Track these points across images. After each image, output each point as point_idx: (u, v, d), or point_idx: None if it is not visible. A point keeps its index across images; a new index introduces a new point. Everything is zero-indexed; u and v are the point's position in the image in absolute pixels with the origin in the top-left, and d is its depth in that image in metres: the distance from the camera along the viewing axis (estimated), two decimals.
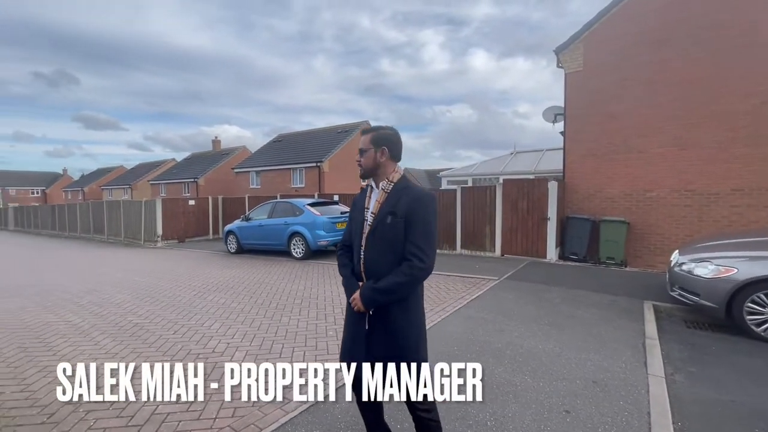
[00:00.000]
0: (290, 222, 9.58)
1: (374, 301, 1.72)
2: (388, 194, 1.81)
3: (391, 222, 1.75)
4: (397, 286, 1.69)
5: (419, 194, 1.78)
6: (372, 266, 1.78)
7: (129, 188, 38.70)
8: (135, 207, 15.32)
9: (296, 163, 25.03)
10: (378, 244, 1.77)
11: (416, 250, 1.69)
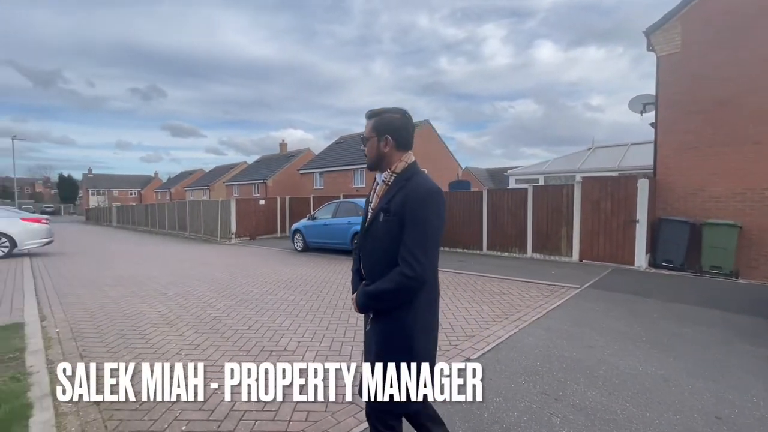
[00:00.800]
0: (353, 221, 9.66)
1: (366, 305, 1.57)
2: (388, 187, 1.59)
3: (383, 220, 1.53)
4: (382, 294, 1.49)
5: (418, 188, 1.51)
6: (367, 266, 1.62)
7: (207, 189, 42.40)
8: (213, 206, 16.62)
9: (357, 164, 25.45)
10: (371, 244, 1.60)
11: (407, 255, 1.44)
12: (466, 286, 6.12)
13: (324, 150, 31.82)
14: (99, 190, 59.91)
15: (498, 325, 4.20)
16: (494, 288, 5.98)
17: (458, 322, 4.34)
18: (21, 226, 9.83)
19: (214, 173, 47.42)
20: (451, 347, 3.61)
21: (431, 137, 27.66)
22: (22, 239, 9.74)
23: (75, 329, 4.05)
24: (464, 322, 4.31)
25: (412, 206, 1.47)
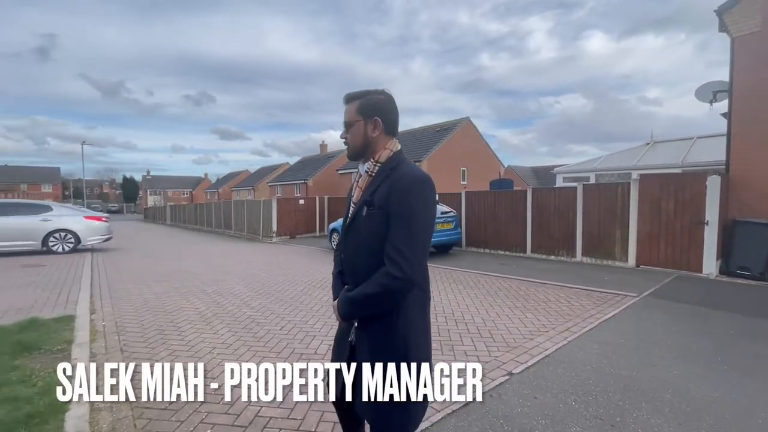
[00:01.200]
0: None
1: (349, 313, 1.38)
2: (372, 178, 1.41)
3: (366, 215, 1.36)
4: (367, 299, 1.31)
5: (404, 177, 1.32)
6: (350, 268, 1.44)
7: (252, 189, 44.21)
8: (255, 206, 17.18)
9: None
10: (354, 241, 1.42)
11: (394, 254, 1.26)
12: (508, 292, 5.74)
13: None
14: (156, 191, 64.52)
15: (543, 336, 3.84)
16: (539, 294, 5.56)
17: (499, 330, 4.02)
18: (84, 223, 10.64)
19: (259, 174, 49.37)
20: (491, 358, 3.33)
21: (472, 135, 26.91)
22: (85, 236, 10.54)
23: (119, 323, 4.21)
24: (505, 331, 3.99)
25: (398, 197, 1.29)
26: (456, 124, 26.21)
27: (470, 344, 3.65)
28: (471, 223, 10.92)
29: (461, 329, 4.06)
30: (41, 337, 3.61)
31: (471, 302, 5.15)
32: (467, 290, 5.86)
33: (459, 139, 25.47)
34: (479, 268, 7.70)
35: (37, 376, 2.89)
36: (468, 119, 26.68)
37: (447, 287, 6.08)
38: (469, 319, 4.42)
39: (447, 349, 3.51)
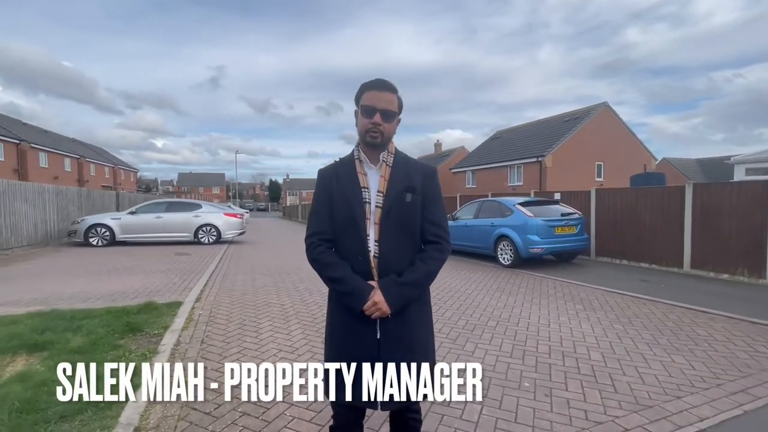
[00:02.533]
0: (497, 223, 8.46)
1: (404, 298, 1.42)
2: (392, 168, 1.49)
3: (411, 200, 1.46)
4: (428, 276, 1.48)
5: (427, 167, 1.55)
6: (390, 258, 1.44)
7: None
8: None
9: (513, 160, 23.29)
10: (395, 229, 1.44)
11: (440, 231, 1.51)
12: (648, 320, 4.33)
13: (478, 147, 30.47)
14: (293, 192, 73.87)
15: (700, 396, 2.62)
16: (699, 329, 4.02)
17: (625, 376, 2.92)
18: (224, 219, 12.49)
19: None
20: (606, 418, 2.35)
21: (611, 124, 22.94)
22: (224, 230, 12.35)
23: (213, 314, 4.51)
24: (635, 379, 2.86)
25: (432, 183, 1.52)
26: (590, 112, 22.68)
27: (577, 390, 2.69)
28: (604, 227, 9.03)
29: (568, 367, 3.09)
30: (148, 320, 4.05)
31: (590, 330, 4.00)
32: (588, 313, 4.64)
33: (593, 129, 21.96)
34: (610, 284, 6.17)
35: (127, 358, 3.14)
36: (605, 105, 22.83)
37: (560, 306, 4.93)
38: (582, 353, 3.37)
39: (541, 394, 2.65)
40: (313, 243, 1.51)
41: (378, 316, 1.40)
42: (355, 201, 1.45)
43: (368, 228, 1.44)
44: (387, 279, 1.42)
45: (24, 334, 3.45)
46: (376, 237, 1.44)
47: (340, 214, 1.47)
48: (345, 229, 1.47)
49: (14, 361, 3.06)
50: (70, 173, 31.25)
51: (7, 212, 9.66)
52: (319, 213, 1.52)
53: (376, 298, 1.38)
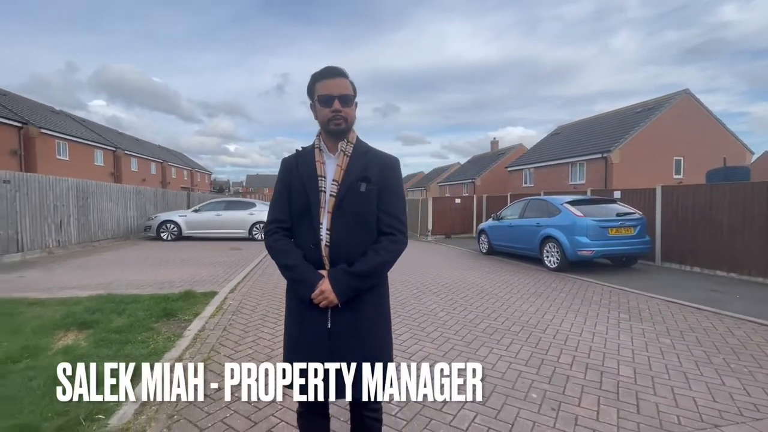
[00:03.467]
0: (543, 223, 7.92)
1: (353, 289, 1.38)
2: (350, 158, 1.46)
3: (366, 190, 1.44)
4: (380, 268, 1.44)
5: (388, 157, 1.53)
6: (341, 248, 1.42)
7: (425, 190, 46.19)
8: (413, 205, 17.64)
9: (575, 156, 21.64)
10: (348, 219, 1.42)
11: (396, 223, 1.47)
12: (705, 335, 3.75)
13: (537, 144, 28.80)
14: None
15: (747, 427, 2.20)
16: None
17: (656, 396, 2.55)
18: None
19: (431, 175, 51.23)
20: None
21: (693, 113, 20.41)
22: None
23: (241, 304, 4.76)
24: (668, 402, 2.48)
25: (390, 175, 1.49)
26: (666, 102, 20.36)
27: (590, 407, 2.40)
28: (671, 229, 8.04)
29: (588, 381, 2.77)
30: (183, 307, 4.40)
31: (628, 343, 3.56)
32: (632, 323, 4.14)
33: (671, 120, 19.68)
34: (671, 293, 5.46)
35: (156, 340, 3.44)
36: (686, 92, 20.31)
37: (600, 315, 4.47)
38: (610, 367, 3.01)
39: (548, 407, 2.40)
40: (270, 230, 1.52)
41: (326, 305, 1.37)
42: (310, 189, 1.45)
43: (322, 217, 1.43)
44: (336, 268, 1.40)
45: (79, 313, 3.94)
46: (328, 225, 1.43)
47: (297, 201, 1.48)
48: (300, 218, 1.47)
49: (66, 336, 3.50)
50: (155, 176, 35.15)
51: (96, 210, 11.13)
52: (278, 201, 1.53)
53: (323, 287, 1.36)
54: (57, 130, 21.44)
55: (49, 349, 3.17)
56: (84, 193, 10.58)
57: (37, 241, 8.89)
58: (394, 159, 1.53)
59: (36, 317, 3.88)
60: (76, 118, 28.33)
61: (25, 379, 2.60)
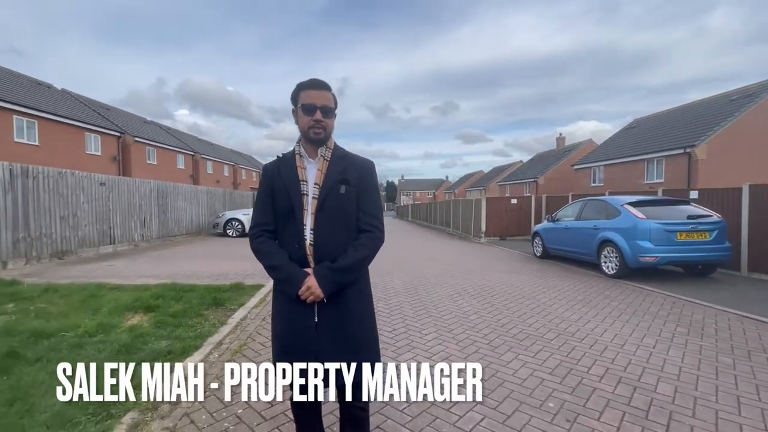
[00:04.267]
0: (600, 226, 7.33)
1: (336, 283, 1.50)
2: (329, 162, 1.58)
3: (345, 192, 1.56)
4: (360, 263, 1.55)
5: (365, 161, 1.66)
6: (325, 246, 1.53)
7: (483, 189, 44.80)
8: (468, 205, 17.26)
9: (653, 152, 19.58)
10: (330, 219, 1.54)
11: (374, 221, 1.60)
12: None
13: (608, 139, 26.51)
14: (407, 192, 76.00)
15: None
16: None
17: (693, 419, 2.29)
18: None
19: (491, 174, 49.52)
20: None
21: None
22: None
23: None
24: (707, 426, 2.22)
25: (367, 177, 1.61)
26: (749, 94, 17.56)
27: (611, 422, 2.23)
28: (760, 234, 6.99)
29: (617, 395, 2.56)
30: (231, 297, 4.83)
31: (677, 359, 3.21)
32: (689, 338, 3.72)
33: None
34: (753, 309, 4.77)
35: (203, 325, 3.84)
36: None
37: (653, 327, 4.07)
38: (648, 383, 2.75)
39: (562, 418, 2.28)
40: (255, 234, 1.62)
41: (312, 300, 1.47)
42: (293, 193, 1.54)
43: (305, 218, 1.52)
44: (321, 265, 1.50)
45: (146, 299, 4.52)
46: (311, 226, 1.52)
47: (281, 205, 1.57)
48: (285, 220, 1.56)
49: (133, 317, 4.04)
50: (227, 177, 38.41)
51: (173, 208, 12.53)
52: (261, 206, 1.62)
53: (309, 283, 1.46)
54: (147, 138, 24.41)
55: (119, 327, 3.69)
56: (163, 194, 11.98)
57: (126, 235, 10.27)
58: (369, 162, 1.64)
59: (113, 300, 4.53)
60: (162, 126, 31.99)
61: (96, 351, 3.08)
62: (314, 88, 1.55)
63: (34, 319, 3.78)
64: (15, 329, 3.44)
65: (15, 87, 17.02)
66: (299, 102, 1.56)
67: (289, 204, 1.54)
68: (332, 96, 1.58)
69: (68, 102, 20.25)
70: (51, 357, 2.92)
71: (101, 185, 9.44)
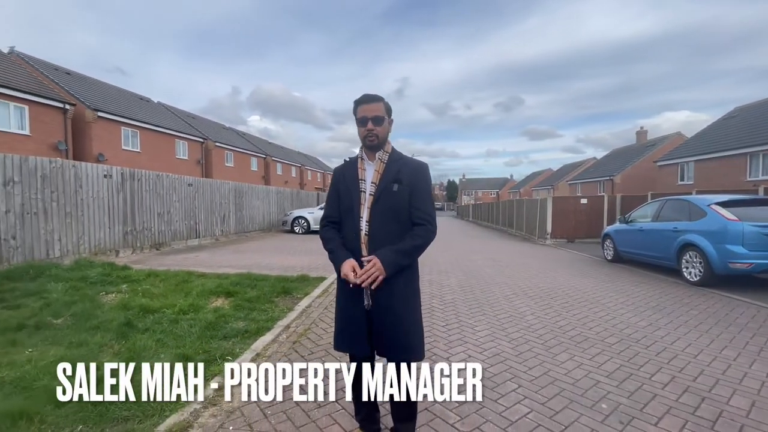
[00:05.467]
0: (682, 228, 6.68)
1: (397, 264, 1.69)
2: (386, 164, 1.81)
3: (398, 190, 1.75)
4: (416, 249, 1.73)
5: (419, 164, 1.84)
6: (377, 236, 1.73)
7: (551, 188, 42.25)
8: (532, 205, 16.52)
9: (758, 145, 17.07)
10: (383, 213, 1.75)
11: (427, 216, 1.76)
12: None
13: (700, 132, 23.56)
14: (468, 192, 74.22)
15: None
16: None
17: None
18: None
19: (560, 172, 46.52)
20: None
21: None
22: None
23: None
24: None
25: (420, 177, 1.80)
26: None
27: (669, 428, 2.15)
28: None
29: (680, 403, 2.43)
30: (298, 287, 5.29)
31: (760, 372, 2.92)
32: None
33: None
34: None
35: (273, 310, 4.29)
36: None
37: (737, 338, 3.69)
38: (719, 395, 2.56)
39: (615, 420, 2.24)
40: (322, 225, 1.95)
41: (376, 275, 1.65)
42: (353, 190, 1.81)
43: (362, 211, 1.77)
44: (383, 249, 1.70)
45: (226, 285, 5.13)
46: (367, 218, 1.76)
47: (344, 201, 1.84)
48: (346, 213, 1.82)
49: (216, 300, 4.64)
50: (295, 178, 40.87)
51: (248, 206, 13.77)
52: (329, 202, 1.94)
53: (375, 260, 1.66)
54: (226, 143, 26.92)
55: (205, 308, 4.28)
56: (239, 193, 13.23)
57: (209, 230, 11.55)
58: (422, 164, 1.84)
59: (200, 285, 5.21)
60: (238, 132, 34.99)
61: (188, 326, 3.63)
62: (365, 102, 1.80)
63: (141, 297, 4.52)
64: (129, 304, 4.17)
65: (123, 102, 19.88)
66: (356, 116, 1.83)
67: (349, 200, 1.80)
68: (383, 106, 1.80)
69: (162, 113, 23.12)
70: (155, 328, 3.51)
71: (189, 186, 10.74)
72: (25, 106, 13.85)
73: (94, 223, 7.78)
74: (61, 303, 4.20)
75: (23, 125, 13.86)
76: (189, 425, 2.08)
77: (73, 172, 7.36)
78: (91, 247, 7.71)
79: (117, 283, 5.28)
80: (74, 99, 16.01)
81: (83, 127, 16.35)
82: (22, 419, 2.06)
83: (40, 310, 4.01)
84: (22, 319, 3.66)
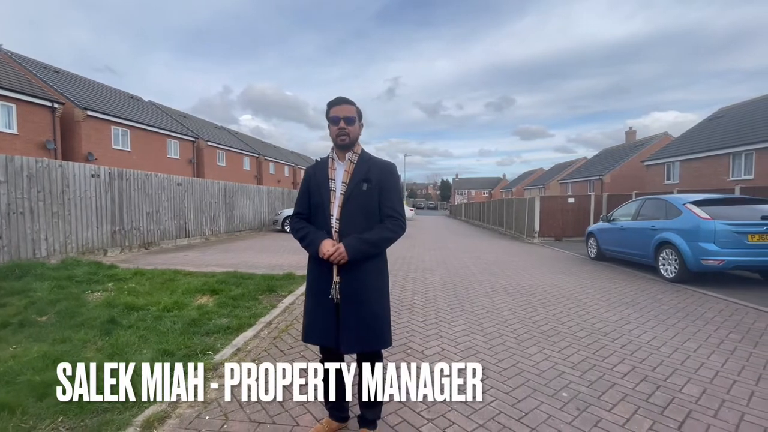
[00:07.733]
0: (659, 226, 6.88)
1: (361, 251, 1.78)
2: (355, 165, 1.91)
3: (367, 189, 1.86)
4: (382, 241, 1.84)
5: (387, 164, 1.96)
6: (347, 233, 1.82)
7: (542, 188, 42.67)
8: (521, 204, 16.74)
9: (741, 145, 17.47)
10: (353, 211, 1.84)
11: (394, 212, 1.88)
12: None
13: (686, 132, 24.00)
14: (461, 191, 74.58)
15: None
16: None
17: (714, 419, 2.27)
18: None
19: (551, 172, 46.98)
20: None
21: None
22: None
23: None
24: (727, 427, 2.19)
25: (388, 176, 1.92)
26: None
27: (622, 414, 2.28)
28: None
29: (636, 391, 2.58)
30: (283, 285, 5.38)
31: (718, 363, 3.09)
32: (739, 345, 3.51)
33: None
34: None
35: (257, 307, 4.38)
36: None
37: (702, 332, 3.86)
38: (674, 383, 2.71)
39: (573, 407, 2.38)
40: (293, 220, 2.07)
41: (339, 260, 1.76)
42: (324, 189, 1.91)
43: (332, 209, 1.87)
44: (350, 236, 1.80)
45: (211, 283, 5.21)
46: (337, 216, 1.85)
47: (314, 198, 1.94)
48: (317, 210, 1.93)
49: (201, 298, 4.71)
50: (287, 177, 40.81)
51: (238, 206, 13.79)
52: (300, 199, 2.04)
53: (339, 246, 1.76)
54: (218, 142, 26.82)
55: (190, 305, 4.35)
56: (230, 193, 13.25)
57: (198, 230, 11.57)
58: (390, 164, 1.96)
59: (186, 284, 5.28)
60: (230, 131, 34.83)
61: (172, 323, 3.71)
62: (338, 104, 1.91)
63: (127, 295, 4.58)
64: (114, 302, 4.23)
65: (113, 101, 19.74)
66: (328, 116, 1.93)
67: (320, 198, 1.90)
68: (355, 108, 1.92)
69: (153, 112, 22.98)
70: (139, 325, 3.59)
71: (178, 185, 10.75)
72: (13, 104, 13.73)
73: (81, 222, 7.79)
74: (46, 301, 4.25)
75: (11, 124, 13.74)
76: (167, 415, 2.18)
77: (60, 171, 7.37)
78: (78, 246, 7.72)
79: (103, 282, 5.33)
80: (63, 98, 15.89)
81: (72, 126, 16.24)
82: (5, 411, 2.15)
83: (25, 308, 4.06)
84: (6, 317, 3.72)
